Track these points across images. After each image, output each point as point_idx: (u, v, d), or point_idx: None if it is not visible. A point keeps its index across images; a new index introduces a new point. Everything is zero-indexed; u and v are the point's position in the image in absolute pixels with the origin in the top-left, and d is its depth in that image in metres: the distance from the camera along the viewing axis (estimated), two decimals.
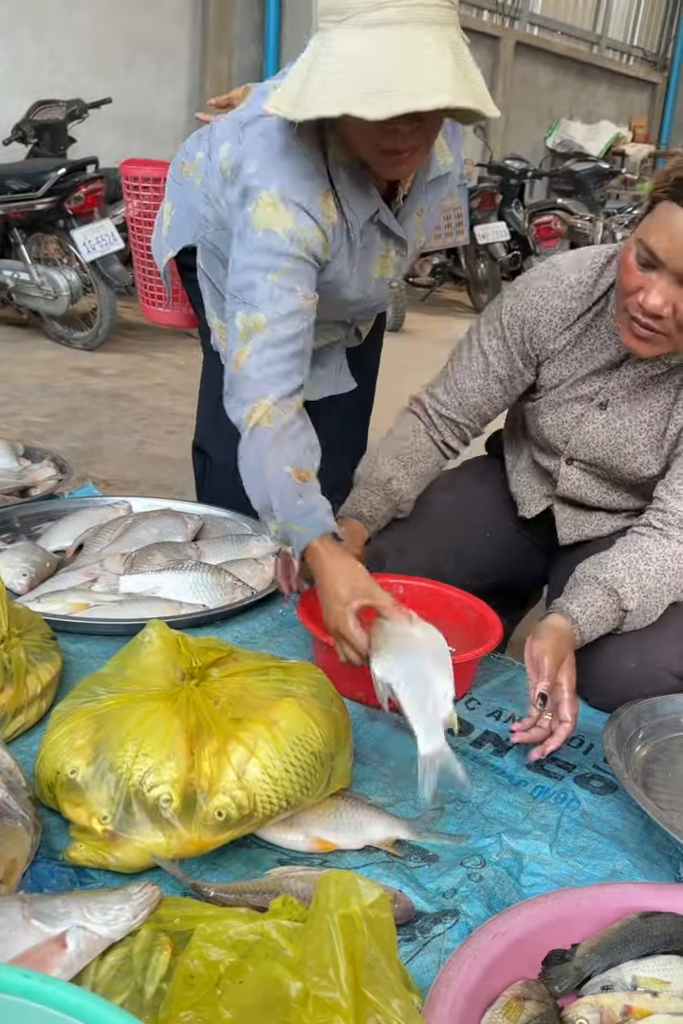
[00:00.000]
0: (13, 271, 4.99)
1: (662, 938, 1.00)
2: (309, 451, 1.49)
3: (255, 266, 1.49)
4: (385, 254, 1.72)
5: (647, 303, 1.35)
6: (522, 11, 10.85)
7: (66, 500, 2.24)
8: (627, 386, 1.57)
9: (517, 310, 1.61)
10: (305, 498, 1.44)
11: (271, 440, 1.45)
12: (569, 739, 1.46)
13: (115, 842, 1.08)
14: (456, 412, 1.68)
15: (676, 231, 1.31)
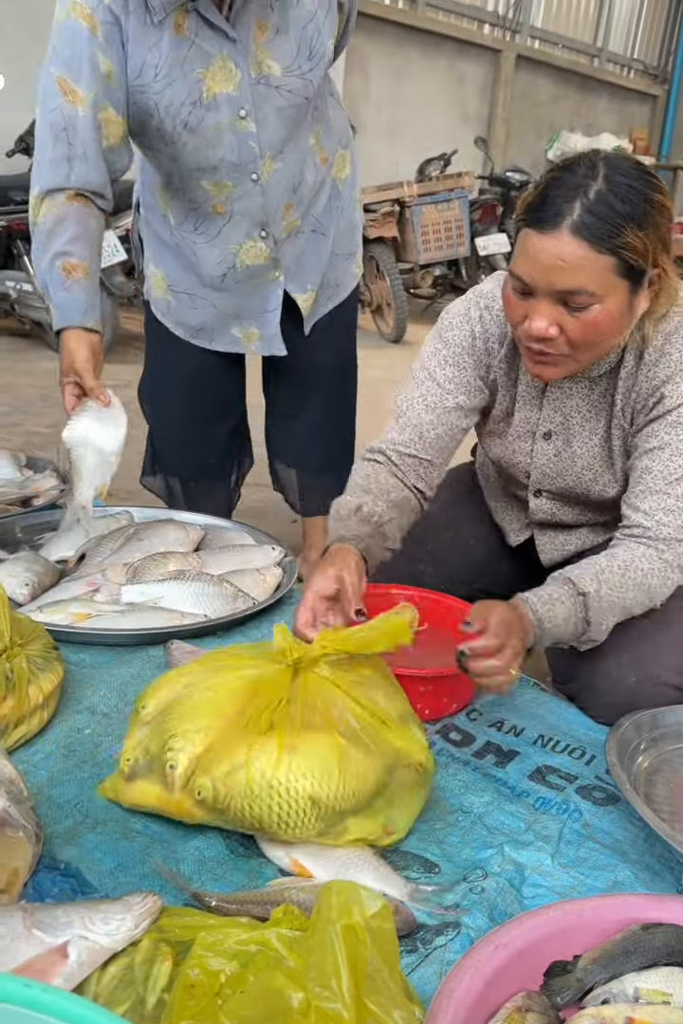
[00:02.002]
0: (16, 282, 5.01)
1: (664, 949, 1.00)
2: (77, 243, 1.73)
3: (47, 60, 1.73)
4: (219, 58, 1.77)
5: (532, 329, 1.34)
6: (523, 24, 10.90)
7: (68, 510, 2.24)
8: (562, 411, 1.55)
9: (464, 330, 1.57)
10: (68, 290, 1.72)
11: (44, 235, 1.73)
12: (571, 750, 1.47)
13: (127, 784, 1.20)
14: (417, 448, 1.57)
15: (534, 254, 1.30)
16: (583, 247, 1.27)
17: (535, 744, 1.48)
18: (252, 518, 2.57)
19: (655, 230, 1.30)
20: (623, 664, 1.50)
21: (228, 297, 2.10)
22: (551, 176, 1.33)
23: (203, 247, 2.02)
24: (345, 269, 2.24)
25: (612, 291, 1.30)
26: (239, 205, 1.95)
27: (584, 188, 1.27)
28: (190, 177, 1.91)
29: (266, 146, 1.89)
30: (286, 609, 1.86)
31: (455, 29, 9.98)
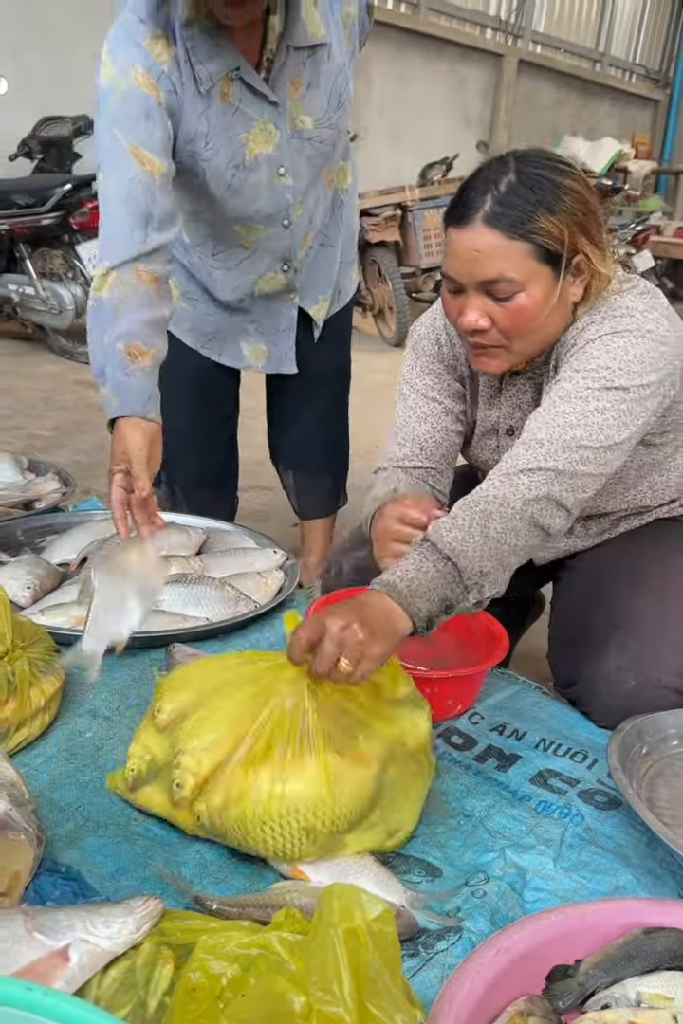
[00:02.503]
0: (18, 285, 5.02)
1: (666, 954, 0.99)
2: (147, 327, 1.61)
3: (98, 126, 1.67)
4: (260, 122, 1.78)
5: (464, 322, 1.38)
6: (525, 29, 10.91)
7: (70, 513, 2.24)
8: (520, 407, 1.56)
9: (431, 339, 1.61)
10: (131, 375, 1.59)
11: (109, 313, 1.60)
12: (572, 753, 1.47)
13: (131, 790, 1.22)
14: (420, 459, 1.60)
15: (458, 248, 1.35)
16: (496, 235, 1.31)
17: (537, 748, 1.48)
18: (254, 521, 2.58)
19: (569, 215, 1.32)
20: (623, 668, 1.49)
21: (241, 315, 2.12)
22: (471, 175, 1.39)
23: (220, 272, 2.04)
24: (347, 275, 2.27)
25: (534, 277, 1.33)
26: (266, 244, 1.98)
27: (495, 181, 1.33)
28: (224, 224, 1.94)
29: (298, 193, 1.94)
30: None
31: (457, 34, 9.99)
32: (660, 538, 1.63)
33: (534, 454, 1.32)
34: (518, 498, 1.29)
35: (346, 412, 2.46)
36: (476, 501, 1.30)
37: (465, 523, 1.27)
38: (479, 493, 1.31)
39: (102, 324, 1.61)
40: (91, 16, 6.60)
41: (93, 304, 1.63)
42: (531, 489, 1.30)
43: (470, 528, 1.27)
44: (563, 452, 1.31)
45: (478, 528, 1.27)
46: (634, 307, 1.39)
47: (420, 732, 1.24)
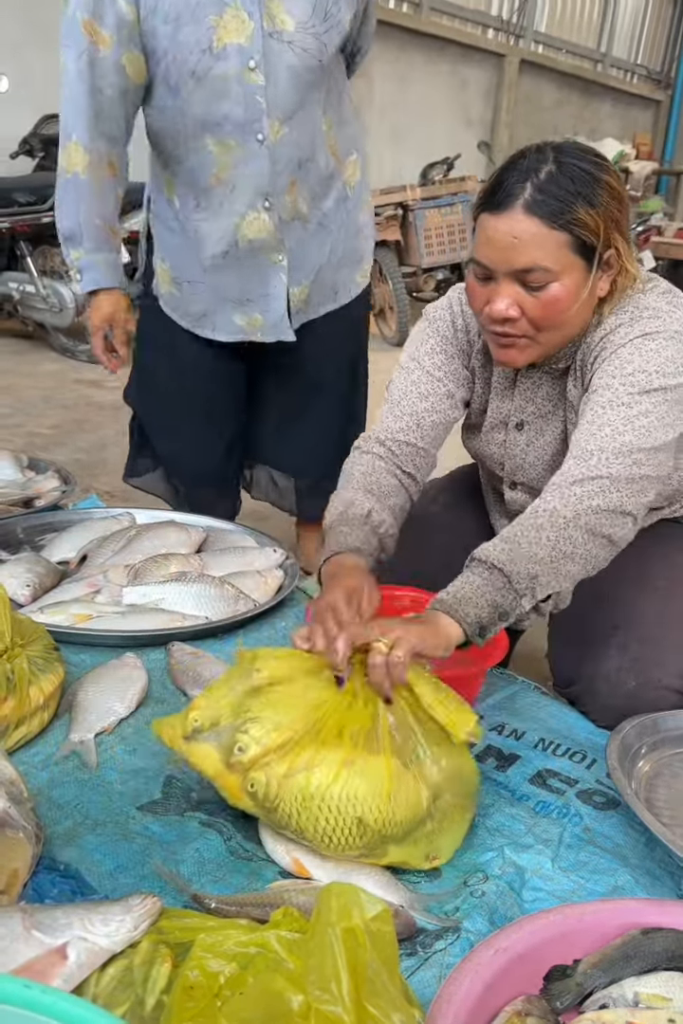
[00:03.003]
0: (19, 283, 5.01)
1: (664, 954, 0.99)
2: (117, 208, 1.94)
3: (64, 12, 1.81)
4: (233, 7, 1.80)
5: (493, 310, 1.37)
6: (527, 29, 10.91)
7: (70, 511, 2.24)
8: (534, 401, 1.55)
9: (447, 320, 1.60)
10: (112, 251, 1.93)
11: (86, 189, 1.87)
12: (571, 754, 1.47)
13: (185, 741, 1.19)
14: (415, 436, 1.57)
15: (493, 234, 1.34)
16: (536, 223, 1.31)
17: (536, 748, 1.48)
18: (254, 520, 2.57)
19: (605, 209, 1.33)
20: (624, 668, 1.49)
21: (229, 278, 2.07)
22: (506, 163, 1.38)
23: (204, 224, 2.02)
24: (347, 277, 2.22)
25: (568, 268, 1.33)
26: (243, 171, 1.93)
27: (535, 170, 1.32)
28: (195, 136, 1.91)
29: (274, 106, 1.88)
30: (287, 611, 1.86)
31: (459, 34, 9.98)
32: (664, 539, 1.63)
33: (586, 465, 1.32)
34: (569, 508, 1.30)
35: (358, 422, 2.39)
36: (526, 516, 1.31)
37: (513, 535, 1.29)
38: (530, 509, 1.32)
39: (78, 198, 1.89)
40: None
41: (68, 176, 1.88)
42: (583, 500, 1.30)
43: (518, 539, 1.28)
44: (616, 459, 1.31)
45: (526, 538, 1.28)
46: (659, 307, 1.39)
47: (474, 771, 1.24)
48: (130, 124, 1.93)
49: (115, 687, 1.46)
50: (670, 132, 13.53)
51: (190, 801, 1.27)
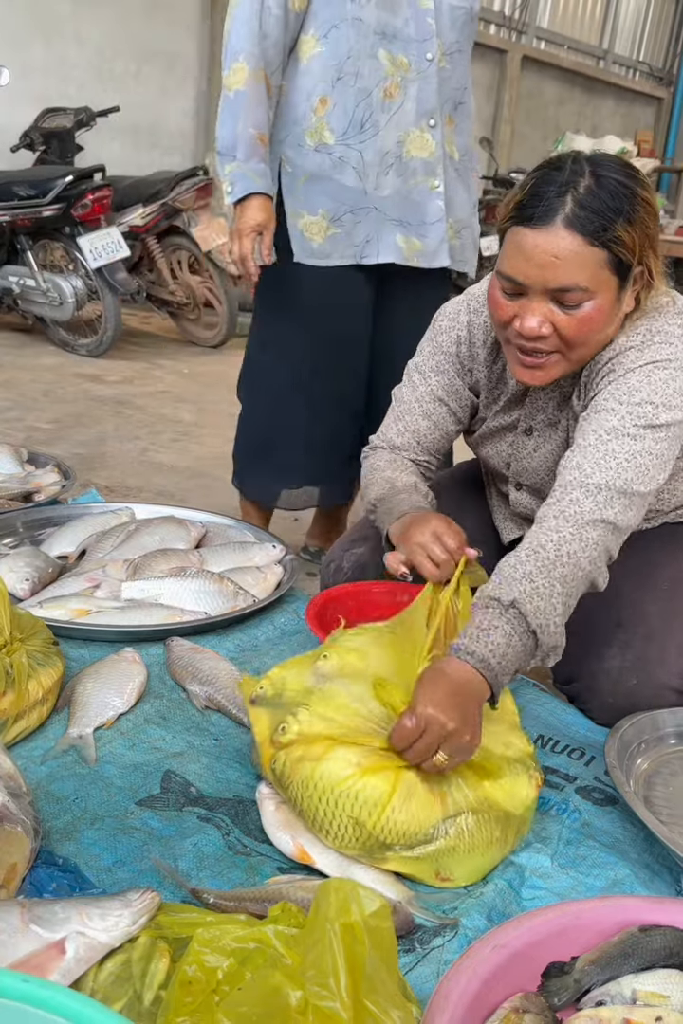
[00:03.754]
0: (19, 277, 5.00)
1: (662, 952, 1.00)
2: (267, 119, 1.97)
3: None
4: None
5: (524, 327, 1.32)
6: (529, 25, 10.88)
7: (69, 506, 2.24)
8: (544, 410, 1.53)
9: (451, 335, 1.58)
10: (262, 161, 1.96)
11: (244, 102, 1.93)
12: (570, 750, 1.47)
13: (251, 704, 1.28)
14: (416, 452, 1.63)
15: (528, 249, 1.29)
16: (578, 241, 1.27)
17: (535, 744, 1.47)
18: None
19: (643, 226, 1.30)
20: (626, 666, 1.49)
21: (392, 199, 2.08)
22: (539, 174, 1.32)
23: (369, 144, 2.03)
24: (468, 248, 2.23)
25: (603, 286, 1.30)
26: (413, 89, 2.01)
27: (574, 183, 1.28)
28: (370, 50, 1.97)
29: (441, 34, 2.00)
30: (286, 607, 1.86)
31: None
32: (669, 540, 1.63)
33: (595, 502, 1.32)
34: (587, 557, 1.30)
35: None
36: (551, 560, 1.28)
37: (546, 590, 1.26)
38: (551, 545, 1.29)
39: (235, 113, 1.95)
40: (94, 8, 6.59)
41: (230, 95, 1.96)
42: (597, 545, 1.31)
43: (551, 598, 1.26)
44: (619, 499, 1.32)
45: (559, 598, 1.27)
46: (672, 332, 1.38)
47: (517, 800, 1.20)
48: (286, 54, 2.00)
49: (114, 682, 1.46)
50: (672, 130, 13.50)
51: (189, 796, 1.27)
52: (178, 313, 5.47)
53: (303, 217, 2.07)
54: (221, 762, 1.36)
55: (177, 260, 5.34)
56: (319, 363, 2.14)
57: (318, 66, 1.99)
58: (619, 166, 1.32)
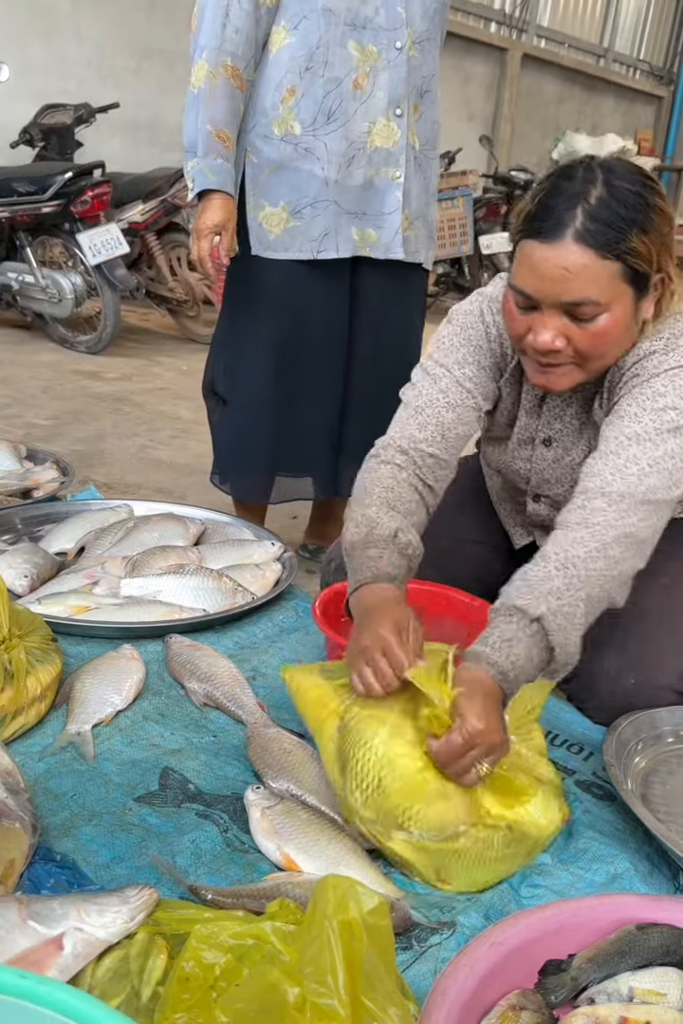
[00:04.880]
0: (18, 273, 4.99)
1: (659, 950, 1.00)
2: (229, 115, 1.95)
3: None
4: None
5: (537, 342, 1.31)
6: (529, 24, 10.87)
7: (68, 502, 2.24)
8: (562, 419, 1.52)
9: (480, 329, 1.53)
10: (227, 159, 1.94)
11: (201, 99, 1.93)
12: (569, 745, 1.47)
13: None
14: (440, 447, 1.50)
15: (537, 264, 1.27)
16: (588, 255, 1.24)
17: None
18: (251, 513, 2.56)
19: (658, 234, 1.28)
20: (624, 666, 1.49)
21: (351, 192, 2.08)
22: (549, 184, 1.30)
23: (335, 136, 2.03)
24: (418, 231, 2.18)
25: (619, 299, 1.28)
26: (382, 78, 2.01)
27: (584, 194, 1.25)
28: (340, 39, 1.97)
29: (411, 22, 2.00)
30: (285, 605, 1.86)
31: (461, 27, 9.95)
32: (670, 536, 1.60)
33: (617, 511, 1.29)
34: (611, 576, 1.29)
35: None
36: (581, 579, 1.26)
37: (571, 609, 1.24)
38: (580, 562, 1.27)
39: (197, 108, 1.95)
40: (94, 4, 6.58)
41: (194, 92, 1.97)
42: (620, 563, 1.29)
43: (575, 618, 1.25)
44: (641, 508, 1.30)
45: (582, 618, 1.26)
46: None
47: (542, 824, 1.18)
48: (259, 49, 1.99)
49: (112, 679, 1.46)
50: (672, 128, 13.49)
51: (187, 793, 1.27)
52: (177, 310, 5.46)
53: (264, 209, 2.07)
54: (219, 759, 1.36)
55: (176, 257, 5.34)
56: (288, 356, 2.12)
57: (287, 56, 1.98)
58: (633, 174, 1.29)
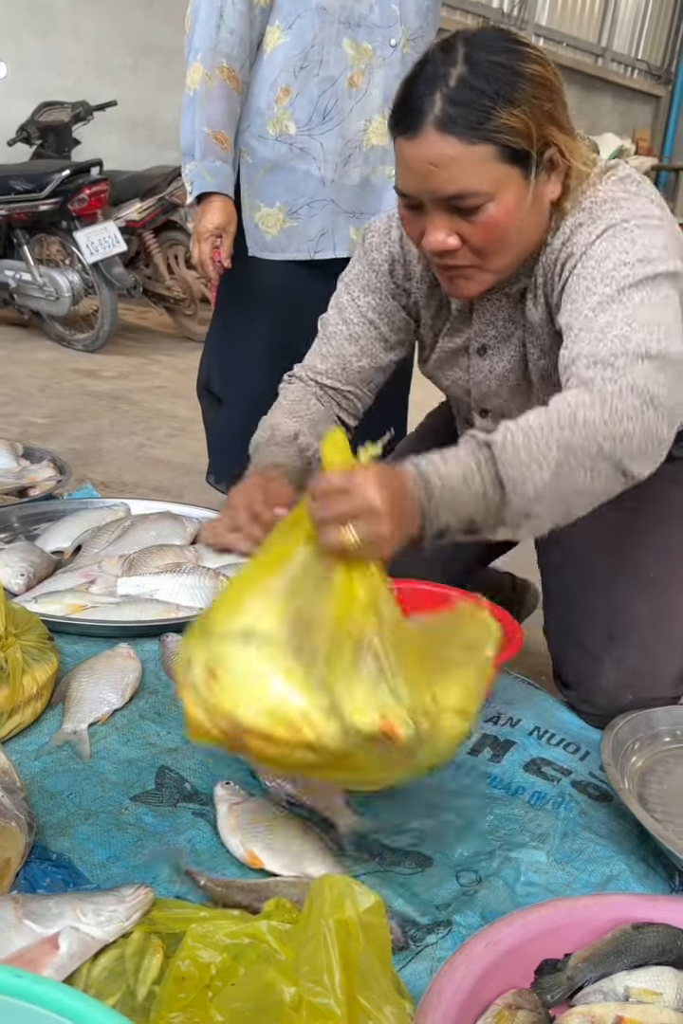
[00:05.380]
0: (15, 271, 4.99)
1: (655, 949, 1.00)
2: (226, 115, 1.95)
3: None
4: None
5: (429, 242, 1.21)
6: (528, 22, 10.88)
7: (64, 501, 2.24)
8: (494, 324, 1.40)
9: (383, 252, 1.46)
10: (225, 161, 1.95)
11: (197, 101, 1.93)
12: (565, 744, 1.47)
13: None
14: (340, 380, 1.47)
15: (407, 162, 1.18)
16: (452, 143, 1.14)
17: (531, 735, 1.48)
18: None
19: (533, 104, 1.15)
20: (622, 683, 1.49)
21: (349, 188, 2.08)
22: (411, 72, 1.19)
23: (331, 135, 2.02)
24: None
25: (503, 182, 1.16)
26: (377, 76, 2.00)
27: (444, 76, 1.14)
28: (334, 38, 1.96)
29: (405, 19, 1.99)
30: None
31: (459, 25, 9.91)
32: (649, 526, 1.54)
33: (614, 370, 1.10)
34: (610, 431, 1.07)
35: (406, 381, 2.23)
36: (561, 423, 1.08)
37: (537, 448, 1.06)
38: (568, 409, 1.09)
39: (193, 110, 1.95)
40: (92, 2, 6.57)
41: (189, 95, 1.97)
42: (626, 418, 1.08)
43: (540, 458, 1.06)
44: (642, 362, 1.11)
45: (551, 464, 1.06)
46: (616, 197, 1.24)
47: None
48: (253, 49, 1.97)
49: (109, 677, 1.46)
50: (670, 128, 13.50)
51: (183, 792, 1.27)
52: (175, 308, 5.46)
53: (260, 210, 2.06)
54: (216, 758, 1.36)
55: (174, 255, 5.34)
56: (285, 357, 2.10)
57: (281, 56, 1.97)
58: (498, 43, 1.17)
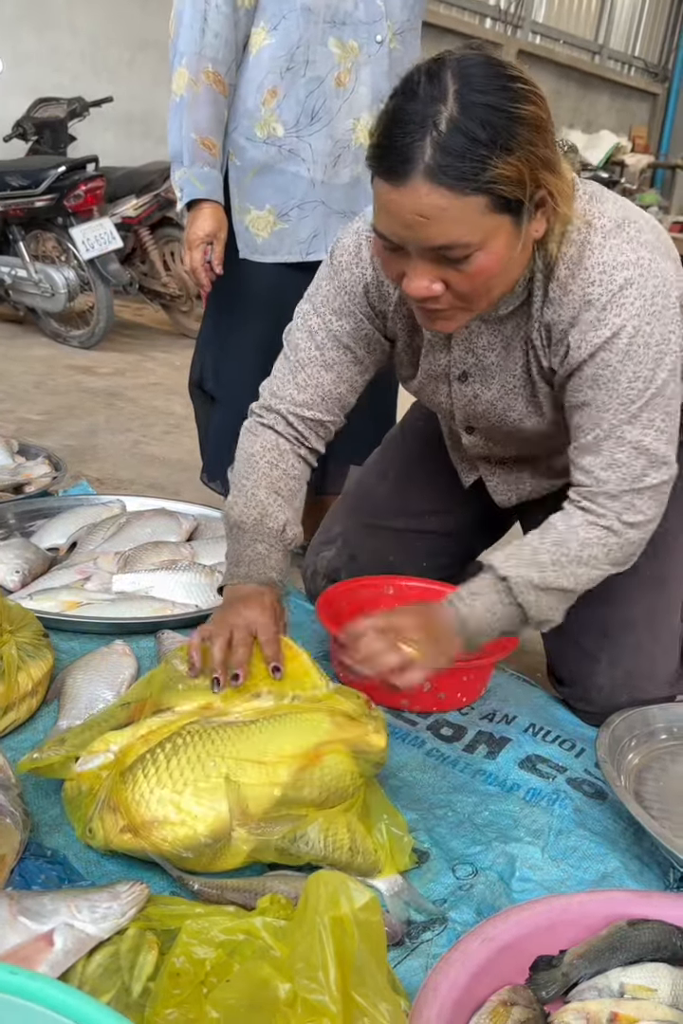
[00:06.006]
0: (11, 268, 4.97)
1: (650, 945, 1.00)
2: (213, 121, 1.94)
3: None
4: None
5: (411, 290, 1.15)
6: (525, 20, 10.87)
7: (60, 498, 2.23)
8: (473, 351, 1.38)
9: (355, 274, 1.39)
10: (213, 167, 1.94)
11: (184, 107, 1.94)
12: (561, 741, 1.47)
13: None
14: (320, 410, 1.43)
15: (391, 209, 1.10)
16: (444, 195, 1.06)
17: (526, 732, 1.48)
18: None
19: (528, 149, 1.08)
20: (617, 684, 1.50)
21: (337, 191, 2.07)
22: (393, 104, 1.11)
23: (319, 135, 2.01)
24: None
25: (492, 232, 1.10)
26: (364, 73, 1.98)
27: (433, 118, 1.06)
28: (320, 37, 1.95)
29: (390, 14, 1.98)
30: None
31: (456, 23, 9.94)
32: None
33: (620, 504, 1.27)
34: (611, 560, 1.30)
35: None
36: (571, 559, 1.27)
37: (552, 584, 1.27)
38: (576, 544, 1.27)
39: (180, 116, 1.95)
40: None
41: (176, 100, 1.97)
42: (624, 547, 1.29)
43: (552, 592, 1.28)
44: (638, 496, 1.27)
45: (559, 594, 1.29)
46: (628, 260, 1.20)
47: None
48: (239, 52, 1.97)
49: (104, 674, 1.46)
50: (666, 126, 13.50)
51: None
52: (170, 305, 5.45)
53: (250, 212, 2.05)
54: None
55: (170, 252, 5.32)
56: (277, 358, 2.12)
57: (267, 57, 1.96)
58: (490, 79, 1.08)
